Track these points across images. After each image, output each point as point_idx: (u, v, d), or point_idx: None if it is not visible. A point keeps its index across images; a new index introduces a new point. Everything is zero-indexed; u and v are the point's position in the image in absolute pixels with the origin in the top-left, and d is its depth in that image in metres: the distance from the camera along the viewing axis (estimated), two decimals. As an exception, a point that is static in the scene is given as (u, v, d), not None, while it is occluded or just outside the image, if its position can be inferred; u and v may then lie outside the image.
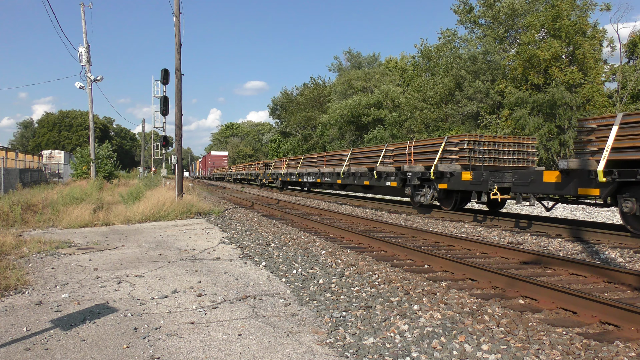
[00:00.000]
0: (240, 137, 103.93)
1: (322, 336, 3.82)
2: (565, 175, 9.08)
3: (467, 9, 33.08)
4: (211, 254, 7.55)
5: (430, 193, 13.58)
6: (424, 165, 13.84)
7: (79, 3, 25.09)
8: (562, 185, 9.20)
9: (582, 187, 8.82)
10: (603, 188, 8.44)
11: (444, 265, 6.29)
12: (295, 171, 26.13)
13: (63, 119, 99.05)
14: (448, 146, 13.04)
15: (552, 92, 23.45)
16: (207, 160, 79.18)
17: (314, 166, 23.99)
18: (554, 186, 9.40)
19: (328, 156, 22.58)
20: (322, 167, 22.36)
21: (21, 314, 4.36)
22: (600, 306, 4.17)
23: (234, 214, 14.39)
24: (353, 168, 18.57)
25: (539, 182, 9.73)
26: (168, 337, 3.77)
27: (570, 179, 9.03)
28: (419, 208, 14.35)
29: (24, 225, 10.85)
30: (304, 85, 59.66)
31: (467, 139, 12.66)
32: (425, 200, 13.73)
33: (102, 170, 27.40)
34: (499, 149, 12.91)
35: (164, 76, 16.80)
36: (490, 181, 11.08)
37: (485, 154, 12.70)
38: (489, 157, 12.75)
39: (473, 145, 12.56)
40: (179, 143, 16.13)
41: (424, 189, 13.88)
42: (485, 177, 11.27)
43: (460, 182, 12.18)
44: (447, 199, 13.68)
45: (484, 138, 12.83)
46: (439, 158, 13.13)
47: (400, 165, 14.96)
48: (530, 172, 10.19)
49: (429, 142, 14.19)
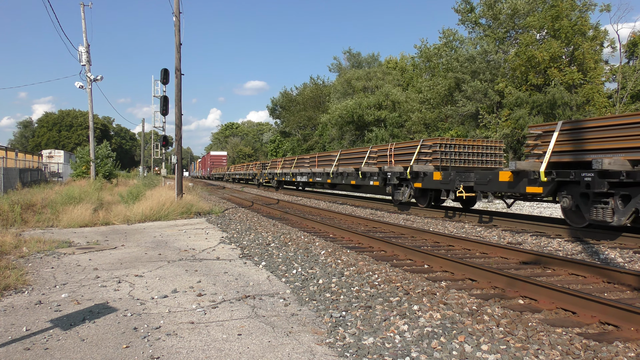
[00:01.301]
0: (240, 137, 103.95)
1: (322, 336, 3.82)
2: (516, 175, 10.15)
3: (468, 9, 33.09)
4: (211, 253, 7.55)
5: (408, 191, 14.77)
6: (403, 166, 15.02)
7: (79, 3, 25.09)
8: (514, 184, 10.29)
9: (529, 185, 9.88)
10: (545, 186, 9.49)
11: (444, 265, 6.29)
12: (290, 171, 27.10)
13: (63, 119, 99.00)
14: (423, 149, 14.24)
15: (552, 92, 23.45)
16: (207, 160, 79.27)
17: (307, 166, 24.83)
18: (507, 185, 10.50)
19: (319, 157, 23.54)
20: (314, 168, 23.30)
21: (21, 313, 4.36)
22: (599, 306, 4.17)
23: (234, 213, 14.39)
24: (341, 168, 19.61)
25: (496, 181, 10.82)
26: (168, 337, 3.77)
27: (520, 179, 10.09)
28: (399, 205, 15.49)
29: (23, 225, 10.84)
30: (304, 85, 59.72)
31: (439, 142, 13.95)
32: (404, 198, 14.87)
33: (101, 170, 27.40)
34: (469, 152, 14.29)
35: (163, 76, 16.80)
36: (457, 180, 12.24)
37: (455, 156, 14.06)
38: (459, 159, 14.13)
39: (445, 148, 13.94)
40: (179, 143, 16.13)
41: (402, 187, 15.05)
42: (453, 177, 12.44)
43: (432, 181, 13.35)
44: (423, 197, 14.76)
45: (454, 141, 14.20)
46: (415, 159, 14.37)
47: (382, 166, 16.11)
48: (489, 173, 11.18)
49: (407, 145, 15.44)
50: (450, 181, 12.48)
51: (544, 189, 9.54)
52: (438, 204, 14.99)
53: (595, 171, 8.28)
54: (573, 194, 9.02)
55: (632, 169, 8.04)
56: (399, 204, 15.40)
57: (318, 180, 22.52)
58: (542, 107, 24.18)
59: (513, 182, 10.25)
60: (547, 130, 9.79)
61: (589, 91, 23.34)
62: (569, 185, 9.11)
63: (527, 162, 9.98)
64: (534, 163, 9.79)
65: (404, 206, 15.18)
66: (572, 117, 23.19)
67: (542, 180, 9.40)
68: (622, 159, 8.15)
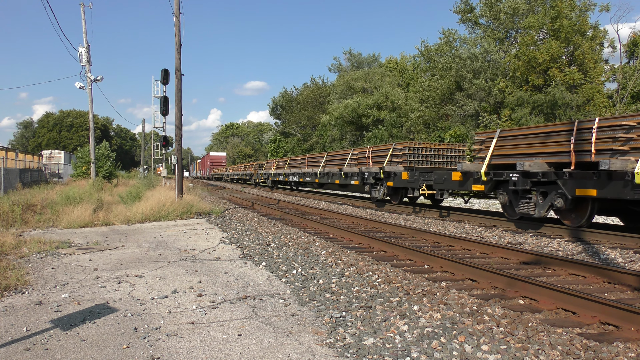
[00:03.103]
0: (241, 138, 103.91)
1: (322, 336, 3.82)
2: (464, 175, 11.77)
3: (468, 9, 33.07)
4: (211, 254, 7.55)
5: (382, 189, 16.45)
6: (379, 167, 16.49)
7: (79, 3, 25.11)
8: (463, 182, 11.92)
9: (474, 184, 11.48)
10: (486, 185, 11.08)
11: (444, 266, 6.29)
12: (283, 171, 28.74)
13: (64, 119, 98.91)
14: (395, 152, 15.93)
15: (552, 92, 23.45)
16: (206, 160, 79.44)
17: (298, 167, 26.36)
18: (458, 183, 12.09)
19: (309, 158, 25.17)
20: (304, 168, 24.89)
21: (21, 314, 4.36)
22: (600, 306, 4.17)
23: (234, 214, 14.39)
24: (327, 169, 21.33)
25: (449, 180, 12.39)
26: (168, 337, 3.77)
27: (467, 178, 11.71)
28: (376, 202, 17.13)
29: (23, 225, 10.85)
30: (304, 85, 59.69)
31: (408, 145, 15.75)
32: (379, 196, 16.59)
33: (102, 171, 27.39)
34: (435, 154, 16.06)
35: (164, 76, 16.80)
36: (420, 180, 14.04)
37: (422, 158, 15.80)
38: (426, 161, 15.89)
39: (413, 151, 15.65)
40: (179, 143, 16.13)
41: (378, 186, 16.76)
42: (417, 177, 14.25)
43: (401, 181, 15.03)
44: (395, 194, 16.47)
45: (422, 145, 16.00)
46: (388, 161, 15.99)
47: (361, 167, 17.79)
48: (445, 173, 12.80)
49: (382, 148, 17.05)
50: (415, 180, 14.29)
51: (485, 187, 11.12)
52: (413, 201, 16.73)
53: (519, 172, 9.81)
54: (507, 191, 10.50)
55: (548, 170, 9.43)
56: (376, 200, 17.05)
57: (307, 180, 24.01)
58: (543, 107, 24.16)
59: (462, 181, 11.89)
60: (489, 137, 11.27)
61: (589, 91, 23.32)
62: (503, 183, 10.61)
63: (473, 164, 11.58)
64: (477, 165, 11.29)
65: (380, 203, 16.96)
66: (573, 117, 23.17)
67: (483, 180, 10.97)
68: (541, 162, 9.59)
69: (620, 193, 7.98)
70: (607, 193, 8.19)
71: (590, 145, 8.63)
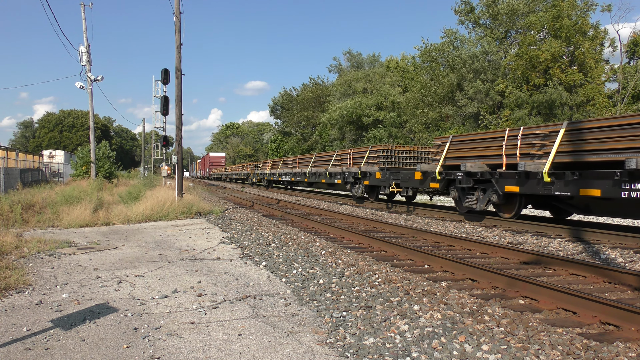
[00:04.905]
0: (241, 137, 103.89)
1: (323, 336, 3.82)
2: (424, 174, 13.56)
3: (468, 9, 33.06)
4: (211, 254, 7.55)
5: (361, 188, 18.12)
6: (357, 167, 18.04)
7: (79, 3, 25.10)
8: (422, 181, 13.66)
9: (431, 182, 13.11)
10: (440, 183, 12.70)
11: (444, 266, 6.29)
12: (276, 171, 30.39)
13: (64, 119, 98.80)
14: (371, 153, 17.43)
15: (549, 92, 23.45)
16: (206, 160, 79.55)
17: (290, 167, 27.84)
18: (419, 182, 13.84)
19: (300, 159, 26.66)
20: (295, 168, 26.50)
21: (21, 313, 4.36)
22: (600, 306, 4.17)
23: (234, 213, 14.39)
24: (314, 169, 23.04)
25: (412, 179, 14.18)
26: (168, 337, 3.77)
27: (426, 177, 13.49)
28: (356, 200, 18.88)
29: (24, 225, 10.85)
30: (304, 85, 59.66)
31: (382, 147, 17.21)
32: (358, 193, 18.31)
33: (102, 170, 27.38)
34: (407, 155, 17.62)
35: (164, 76, 16.80)
36: (390, 179, 15.58)
37: (395, 159, 17.32)
38: (398, 162, 17.39)
39: (387, 153, 17.16)
40: (179, 143, 16.13)
41: (357, 184, 18.49)
42: (387, 176, 15.86)
43: (375, 180, 16.65)
44: (372, 192, 18.11)
45: (395, 147, 17.57)
46: (365, 162, 17.60)
47: (343, 167, 19.56)
48: (409, 172, 14.54)
49: (361, 150, 18.67)
50: (386, 179, 15.84)
51: (439, 184, 12.74)
52: (391, 198, 18.04)
53: (464, 172, 11.47)
54: (456, 188, 12.12)
55: (485, 170, 11.00)
56: (356, 198, 18.84)
57: (298, 179, 25.83)
58: (542, 108, 24.16)
59: (422, 180, 13.63)
60: (444, 142, 12.85)
61: (590, 91, 23.31)
62: (454, 182, 12.17)
63: (430, 164, 13.35)
64: (434, 165, 12.92)
65: (360, 200, 18.74)
66: (573, 117, 23.17)
67: (438, 179, 12.54)
68: (481, 164, 11.14)
69: (534, 189, 9.68)
70: (526, 190, 9.90)
71: (516, 149, 10.20)
